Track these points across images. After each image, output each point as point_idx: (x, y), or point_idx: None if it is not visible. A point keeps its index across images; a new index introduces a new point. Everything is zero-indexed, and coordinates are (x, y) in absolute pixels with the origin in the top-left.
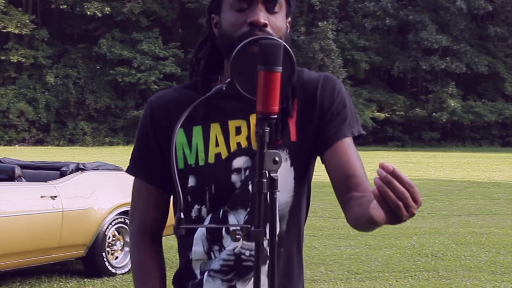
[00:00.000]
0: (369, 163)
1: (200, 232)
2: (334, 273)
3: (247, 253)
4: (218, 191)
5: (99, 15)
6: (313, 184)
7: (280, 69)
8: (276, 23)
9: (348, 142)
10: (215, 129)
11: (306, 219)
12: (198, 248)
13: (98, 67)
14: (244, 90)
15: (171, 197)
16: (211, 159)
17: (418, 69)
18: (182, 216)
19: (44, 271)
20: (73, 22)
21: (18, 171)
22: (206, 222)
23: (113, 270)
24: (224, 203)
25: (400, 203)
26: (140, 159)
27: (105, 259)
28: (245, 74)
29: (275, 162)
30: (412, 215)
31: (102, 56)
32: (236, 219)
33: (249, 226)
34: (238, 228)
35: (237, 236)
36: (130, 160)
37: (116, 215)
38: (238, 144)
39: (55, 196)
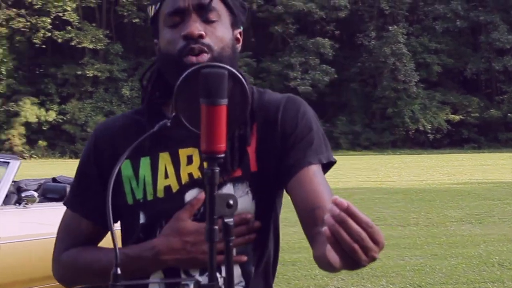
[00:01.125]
0: (444, 167)
1: (156, 277)
2: (395, 286)
3: None
4: None
5: None
6: (383, 190)
7: (224, 101)
8: (216, 32)
9: (314, 169)
10: (164, 159)
11: (277, 259)
12: None
13: None
14: (191, 125)
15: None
16: (160, 193)
17: (491, 70)
18: (119, 271)
19: None
20: (146, 35)
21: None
22: None
23: None
24: None
25: (356, 246)
26: (80, 193)
27: None
28: (191, 106)
29: (229, 206)
30: (372, 259)
31: None
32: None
33: (199, 280)
34: (187, 283)
35: None
36: (69, 192)
37: None
38: (190, 175)
39: None
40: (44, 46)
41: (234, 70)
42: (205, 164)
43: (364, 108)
